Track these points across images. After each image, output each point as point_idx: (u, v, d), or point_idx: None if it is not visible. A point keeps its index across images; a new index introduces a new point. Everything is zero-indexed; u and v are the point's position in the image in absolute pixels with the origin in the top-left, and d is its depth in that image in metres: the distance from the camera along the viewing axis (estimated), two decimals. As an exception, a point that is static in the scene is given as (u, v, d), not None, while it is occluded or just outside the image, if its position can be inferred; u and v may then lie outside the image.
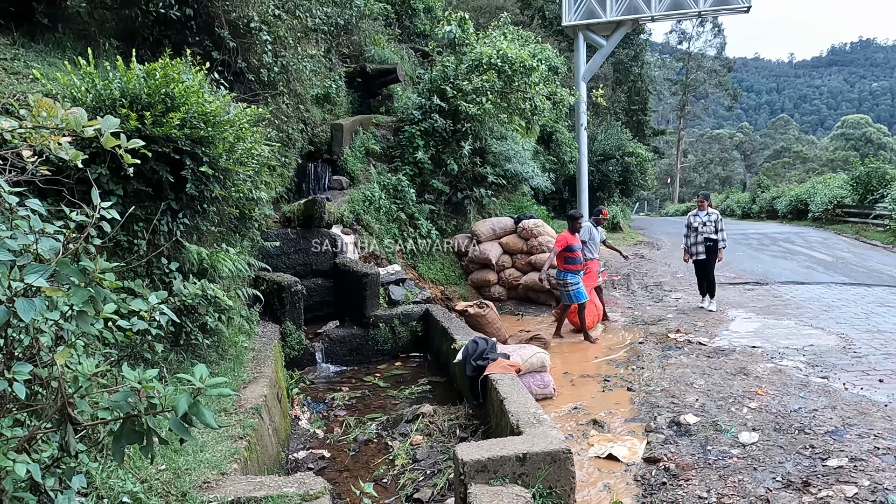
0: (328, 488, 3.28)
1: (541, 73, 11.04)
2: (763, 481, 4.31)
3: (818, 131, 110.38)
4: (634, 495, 4.40)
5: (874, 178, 22.16)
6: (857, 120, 71.01)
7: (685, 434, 5.23)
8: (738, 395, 5.94)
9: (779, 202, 29.58)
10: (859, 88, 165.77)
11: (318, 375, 6.91)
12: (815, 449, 4.67)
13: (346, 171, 9.99)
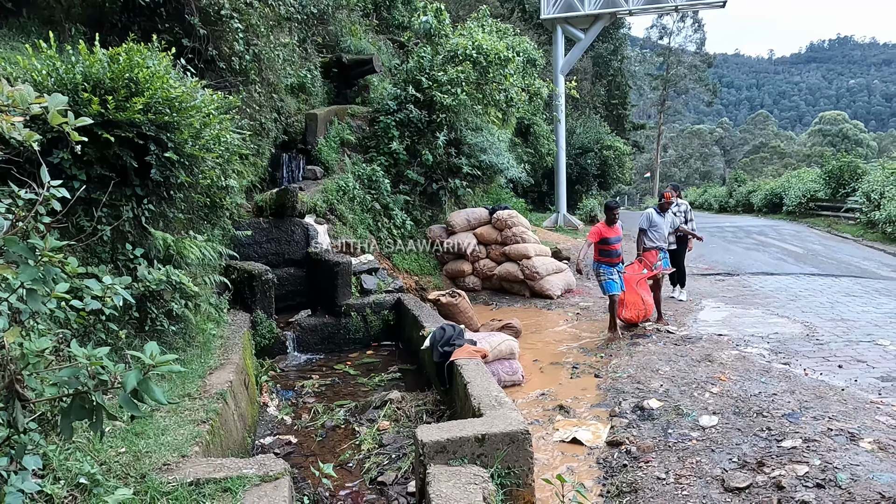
0: (288, 469, 3.31)
1: (516, 64, 11.09)
2: (720, 462, 4.42)
3: (796, 127, 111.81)
4: (596, 477, 4.50)
5: (846, 173, 22.54)
6: (835, 116, 72.00)
7: (648, 418, 5.34)
8: (701, 381, 6.06)
9: (754, 196, 30.00)
10: (837, 85, 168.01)
11: (288, 364, 6.92)
12: (771, 431, 4.79)
13: (320, 161, 9.98)
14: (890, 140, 76.16)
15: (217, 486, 3.03)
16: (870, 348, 6.94)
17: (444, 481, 3.27)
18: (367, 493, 4.07)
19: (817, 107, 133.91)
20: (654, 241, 8.45)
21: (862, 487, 3.85)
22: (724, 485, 4.09)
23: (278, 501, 2.96)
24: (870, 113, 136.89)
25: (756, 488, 4.00)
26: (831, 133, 66.50)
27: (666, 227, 8.57)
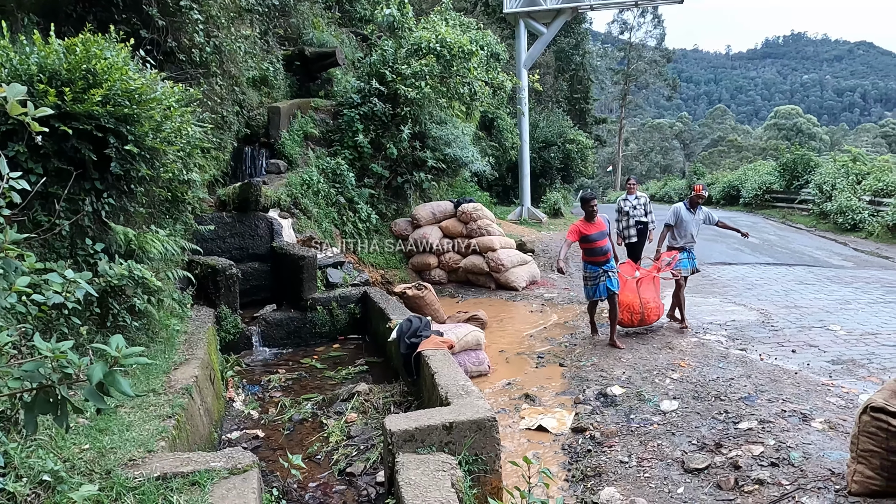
0: (256, 462, 3.32)
1: (480, 58, 11.14)
2: (680, 445, 4.56)
3: (753, 121, 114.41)
4: (561, 463, 4.60)
5: (799, 166, 23.21)
6: (789, 111, 73.93)
7: (611, 404, 5.47)
8: (662, 368, 6.23)
9: (713, 188, 30.64)
10: (791, 80, 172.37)
11: (254, 359, 6.88)
12: (728, 414, 4.96)
13: (284, 155, 9.89)
14: (841, 134, 78.67)
15: (185, 480, 3.02)
16: (821, 333, 7.21)
17: (413, 469, 3.32)
18: (336, 483, 4.09)
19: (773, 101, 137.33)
20: (679, 238, 7.65)
21: (813, 465, 4.02)
22: (684, 466, 4.23)
23: (247, 493, 2.97)
24: (822, 107, 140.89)
25: (714, 468, 4.15)
26: (786, 127, 68.25)
27: (694, 226, 7.63)
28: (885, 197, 16.97)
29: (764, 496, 3.76)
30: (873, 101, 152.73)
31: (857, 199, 17.95)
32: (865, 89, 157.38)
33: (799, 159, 23.54)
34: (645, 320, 7.41)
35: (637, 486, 4.08)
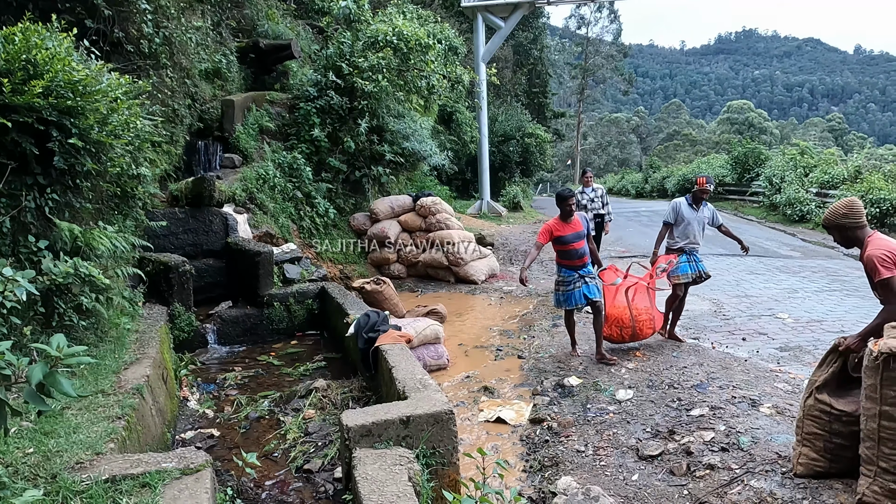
0: (210, 461, 3.25)
1: (437, 51, 11.12)
2: (635, 433, 4.65)
3: (707, 115, 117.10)
4: (519, 454, 4.64)
5: (751, 159, 23.88)
6: (741, 105, 75.84)
7: (568, 395, 5.54)
8: (617, 357, 6.33)
9: (668, 181, 31.33)
10: (743, 76, 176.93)
11: (209, 357, 6.75)
12: (681, 401, 5.07)
13: (238, 149, 9.70)
14: (790, 128, 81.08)
15: (135, 482, 2.95)
16: (770, 321, 7.43)
17: (370, 464, 3.30)
18: (294, 481, 4.05)
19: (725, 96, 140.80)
20: (680, 239, 6.62)
21: (762, 448, 4.14)
22: (639, 453, 4.31)
23: (200, 494, 2.91)
24: (772, 102, 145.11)
25: (668, 455, 4.24)
26: (738, 121, 70.03)
27: (698, 225, 6.57)
28: (830, 189, 17.57)
29: (715, 480, 3.86)
30: (820, 96, 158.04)
31: (805, 191, 18.56)
32: (813, 85, 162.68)
33: (750, 153, 24.21)
34: (637, 335, 6.39)
35: (593, 474, 4.14)
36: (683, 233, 6.59)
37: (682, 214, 6.57)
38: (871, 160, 20.15)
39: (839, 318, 7.45)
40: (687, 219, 6.55)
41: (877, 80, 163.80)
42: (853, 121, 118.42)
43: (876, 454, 3.37)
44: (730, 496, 3.68)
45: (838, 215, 3.69)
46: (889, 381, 3.29)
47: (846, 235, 3.71)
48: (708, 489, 3.80)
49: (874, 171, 17.16)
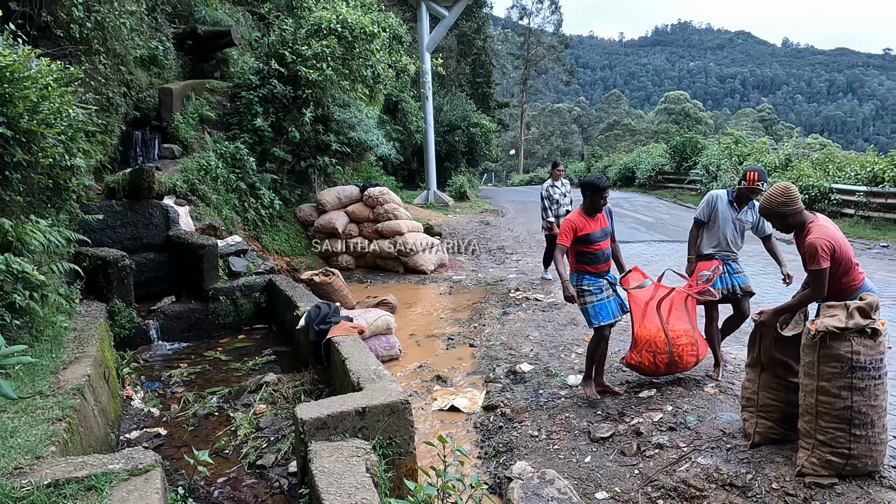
0: (159, 461, 3.15)
1: (382, 40, 11.00)
2: (586, 416, 4.74)
3: (645, 106, 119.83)
4: (474, 441, 4.68)
5: (688, 148, 24.61)
6: (678, 96, 77.96)
7: (521, 381, 5.60)
8: (567, 343, 6.44)
9: (610, 171, 31.96)
10: (679, 67, 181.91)
11: (153, 354, 6.53)
12: (630, 384, 5.20)
13: (178, 139, 9.38)
14: (724, 118, 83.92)
15: (80, 485, 2.83)
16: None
17: (327, 457, 3.26)
18: (247, 477, 3.97)
19: (662, 87, 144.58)
20: (726, 244, 5.22)
21: (707, 426, 4.29)
22: (591, 436, 4.41)
23: (150, 494, 2.82)
24: (707, 93, 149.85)
25: (618, 436, 4.35)
26: (675, 111, 71.96)
27: (735, 229, 5.20)
28: (763, 176, 18.24)
29: (664, 459, 3.98)
30: (751, 87, 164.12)
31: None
32: (745, 76, 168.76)
33: (687, 142, 24.95)
34: (676, 363, 4.92)
35: (547, 458, 4.21)
36: (714, 235, 5.25)
37: (718, 211, 5.19)
38: (800, 149, 21.06)
39: (774, 299, 7.76)
40: (722, 218, 5.18)
41: (803, 72, 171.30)
42: (781, 111, 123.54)
43: (814, 427, 3.54)
44: (678, 473, 3.80)
45: (776, 203, 3.67)
46: (825, 358, 3.45)
47: (786, 222, 3.71)
48: (658, 468, 3.91)
49: (803, 160, 17.93)
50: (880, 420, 3.44)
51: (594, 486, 3.83)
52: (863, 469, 3.48)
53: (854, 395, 3.38)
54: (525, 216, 18.97)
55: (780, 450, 3.86)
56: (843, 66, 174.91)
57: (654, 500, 3.63)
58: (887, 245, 11.87)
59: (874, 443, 3.44)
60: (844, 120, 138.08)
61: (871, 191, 13.74)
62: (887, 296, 7.70)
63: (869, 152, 16.70)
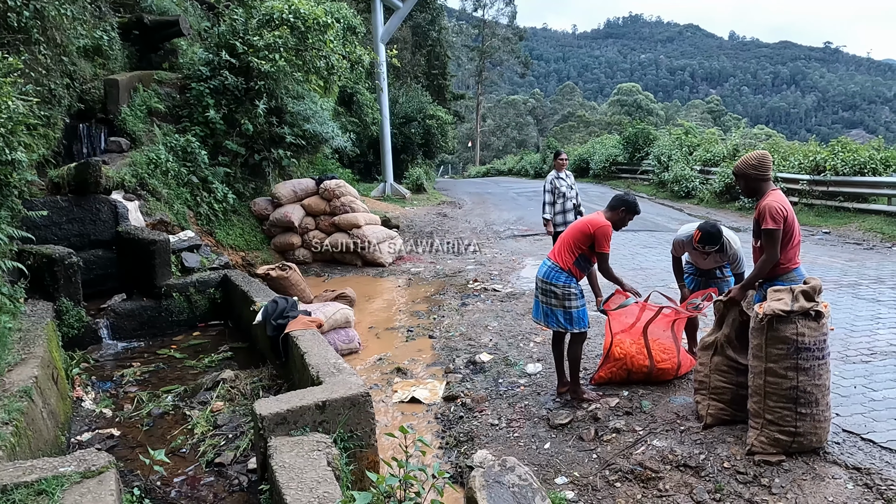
0: (113, 462, 3.08)
1: (336, 30, 10.86)
2: (545, 403, 4.81)
3: (598, 98, 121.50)
4: (435, 431, 4.69)
5: (640, 139, 25.06)
6: (630, 88, 79.33)
7: (480, 371, 5.64)
8: (526, 333, 6.51)
9: (565, 162, 32.33)
10: (631, 59, 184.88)
11: (104, 353, 6.35)
12: (587, 371, 5.29)
13: (125, 132, 9.09)
14: (675, 109, 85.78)
15: (29, 489, 2.74)
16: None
17: (287, 452, 3.23)
18: (205, 476, 3.90)
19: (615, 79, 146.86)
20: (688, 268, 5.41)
21: (662, 410, 4.40)
22: (550, 423, 4.47)
23: (104, 497, 2.75)
24: (658, 85, 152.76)
25: (577, 422, 4.42)
26: (627, 103, 73.21)
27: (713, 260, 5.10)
28: (712, 166, 18.74)
29: (621, 443, 4.07)
30: (700, 79, 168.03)
31: (690, 168, 19.71)
32: (694, 69, 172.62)
33: (639, 133, 25.40)
34: (654, 375, 4.84)
35: (508, 446, 4.26)
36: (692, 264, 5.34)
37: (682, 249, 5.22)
38: (747, 139, 21.69)
39: (724, 285, 8.00)
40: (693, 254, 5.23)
41: (749, 64, 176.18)
42: (729, 103, 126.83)
43: (762, 408, 3.67)
44: (635, 456, 3.90)
45: (749, 165, 3.87)
46: (773, 340, 3.58)
47: (751, 185, 3.89)
48: (615, 451, 4.00)
49: (750, 149, 18.46)
50: (824, 398, 3.59)
51: (554, 472, 3.90)
52: (808, 446, 3.63)
53: (800, 375, 3.52)
54: (482, 207, 19.07)
55: (731, 430, 4.00)
56: (786, 58, 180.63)
57: (611, 482, 3.71)
58: (829, 231, 12.34)
59: (819, 420, 3.59)
60: (788, 111, 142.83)
61: (813, 179, 14.24)
62: (829, 280, 8.01)
63: (811, 142, 17.32)
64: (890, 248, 10.59)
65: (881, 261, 9.43)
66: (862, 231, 11.97)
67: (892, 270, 8.60)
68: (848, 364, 5.06)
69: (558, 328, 4.66)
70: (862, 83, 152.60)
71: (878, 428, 3.93)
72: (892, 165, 13.05)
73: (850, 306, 6.82)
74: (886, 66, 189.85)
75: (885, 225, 11.92)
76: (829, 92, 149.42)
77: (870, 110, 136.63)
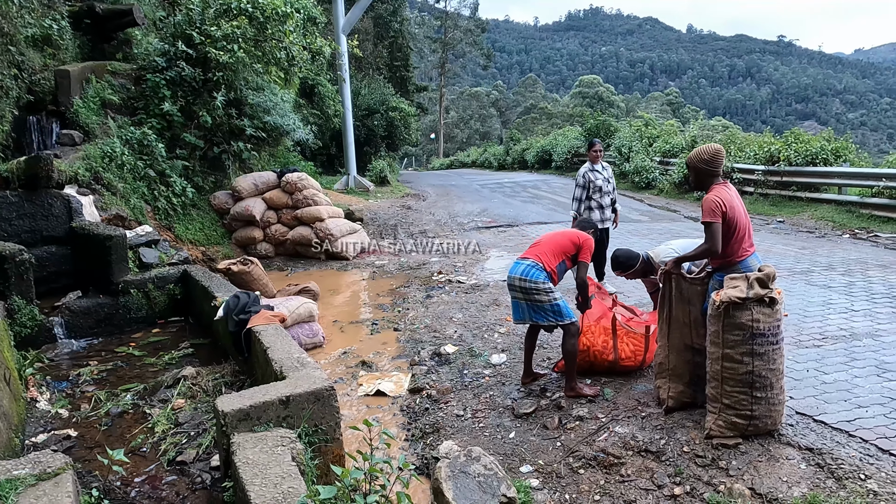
0: (70, 463, 3.00)
1: (296, 21, 10.71)
2: (510, 393, 4.85)
3: (560, 90, 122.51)
4: (401, 424, 4.69)
5: (601, 130, 25.35)
6: (591, 80, 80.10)
7: (446, 363, 5.66)
8: (490, 324, 6.55)
9: (528, 153, 32.55)
10: (592, 52, 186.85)
11: (60, 352, 6.17)
12: (550, 360, 5.36)
13: (78, 125, 8.82)
14: (635, 101, 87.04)
15: (-19, 494, 2.66)
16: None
17: (250, 448, 3.20)
18: (166, 475, 3.84)
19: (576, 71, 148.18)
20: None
21: (624, 397, 4.49)
22: (515, 412, 4.51)
23: (61, 499, 2.68)
24: (618, 77, 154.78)
25: (541, 411, 4.48)
26: (589, 95, 73.92)
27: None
28: (672, 158, 19.09)
29: (584, 430, 4.13)
30: (659, 71, 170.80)
31: (650, 160, 20.04)
32: (653, 61, 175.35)
33: (601, 125, 25.70)
34: (618, 369, 4.93)
35: (473, 436, 4.29)
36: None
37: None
38: (705, 131, 22.14)
39: (683, 274, 8.17)
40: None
41: (706, 57, 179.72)
42: (687, 95, 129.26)
43: (720, 392, 3.77)
44: (598, 443, 3.96)
45: (701, 159, 3.95)
46: (729, 326, 3.68)
47: (699, 178, 4.00)
48: (578, 439, 4.06)
49: (707, 141, 18.86)
50: (778, 382, 3.70)
51: (519, 461, 3.94)
52: (764, 428, 3.74)
53: (755, 360, 3.62)
54: (446, 200, 19.08)
55: (690, 415, 4.10)
56: (742, 51, 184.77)
57: (575, 469, 3.77)
58: (783, 220, 12.69)
59: (773, 403, 3.70)
60: (744, 103, 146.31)
61: (768, 169, 14.61)
62: (783, 267, 8.25)
63: (766, 133, 17.77)
64: (840, 236, 10.95)
65: (832, 248, 9.74)
66: (814, 220, 12.35)
67: (842, 258, 8.90)
68: (801, 348, 5.23)
69: (548, 322, 4.65)
70: (814, 76, 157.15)
71: (830, 409, 4.07)
72: (843, 156, 13.47)
73: (802, 293, 7.04)
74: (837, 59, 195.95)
75: (835, 214, 12.32)
76: (783, 84, 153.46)
77: (821, 102, 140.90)
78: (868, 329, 5.68)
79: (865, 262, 8.53)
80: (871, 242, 10.17)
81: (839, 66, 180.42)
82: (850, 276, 7.79)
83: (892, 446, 3.59)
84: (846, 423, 3.88)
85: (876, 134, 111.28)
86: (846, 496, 3.18)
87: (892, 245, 9.79)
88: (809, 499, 3.18)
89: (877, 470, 3.38)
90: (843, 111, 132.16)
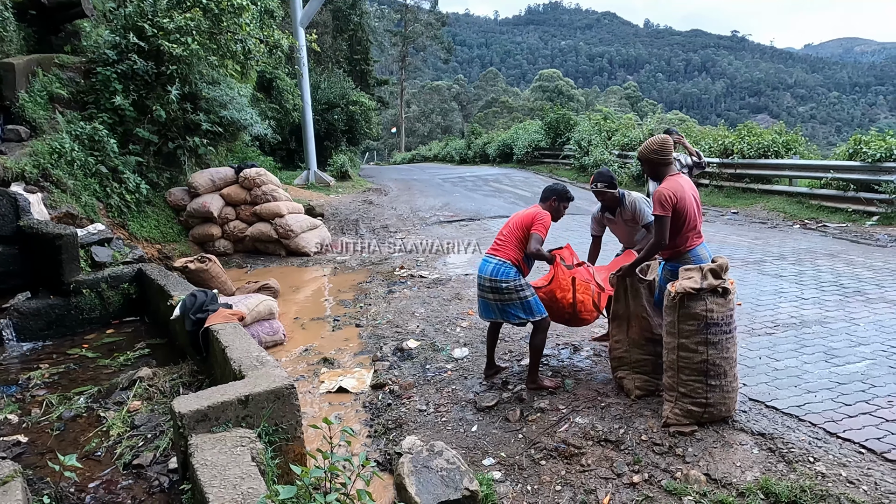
0: (19, 470, 2.91)
1: (252, 13, 10.52)
2: (472, 387, 4.87)
3: (521, 84, 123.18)
4: (363, 420, 4.67)
5: (561, 124, 25.60)
6: (551, 74, 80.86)
7: (408, 358, 5.65)
8: (452, 318, 6.57)
9: (489, 147, 32.67)
10: (552, 46, 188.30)
11: (8, 355, 5.97)
12: (512, 353, 5.40)
13: (24, 120, 8.51)
14: (594, 95, 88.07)
15: (-77, 506, 2.56)
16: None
17: (209, 449, 3.14)
18: (122, 479, 3.74)
19: (537, 65, 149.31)
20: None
21: (584, 388, 4.55)
22: (477, 406, 4.54)
23: (10, 507, 2.60)
24: (578, 71, 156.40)
25: (503, 404, 4.51)
26: (549, 89, 74.59)
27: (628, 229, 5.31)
28: (630, 151, 19.38)
29: (545, 422, 4.18)
30: (618, 66, 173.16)
31: (609, 153, 20.31)
32: (611, 55, 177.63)
33: (561, 118, 25.94)
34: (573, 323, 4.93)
35: (436, 430, 4.29)
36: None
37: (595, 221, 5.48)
38: (663, 124, 22.52)
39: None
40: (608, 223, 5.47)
41: (663, 51, 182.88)
42: (645, 89, 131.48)
43: (676, 381, 3.85)
44: (559, 434, 4.01)
45: (651, 150, 4.06)
46: (684, 317, 3.76)
47: (654, 170, 4.10)
48: (539, 430, 4.10)
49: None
50: (731, 370, 3.80)
51: (481, 454, 3.96)
52: (718, 415, 3.84)
53: (709, 349, 3.71)
54: (408, 194, 19.03)
55: (648, 404, 4.18)
56: (697, 46, 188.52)
57: (536, 461, 3.80)
58: (737, 212, 13.02)
59: (727, 391, 3.80)
60: (700, 97, 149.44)
61: (722, 162, 14.96)
62: (737, 258, 8.46)
63: (721, 127, 18.19)
64: (791, 226, 11.29)
65: (783, 238, 10.04)
66: (767, 211, 12.69)
67: (793, 247, 9.17)
68: (754, 336, 5.38)
69: (519, 322, 4.58)
70: (766, 70, 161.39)
71: (781, 395, 4.20)
72: (793, 149, 13.88)
73: (755, 282, 7.23)
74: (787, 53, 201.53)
75: (786, 205, 12.68)
76: (736, 78, 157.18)
77: (773, 96, 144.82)
78: (817, 316, 5.87)
79: (815, 252, 8.81)
80: (819, 232, 10.51)
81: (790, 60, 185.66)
82: (801, 265, 8.03)
83: (838, 430, 3.73)
84: (796, 409, 4.01)
85: (825, 127, 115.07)
86: (796, 479, 3.28)
87: (840, 234, 10.14)
88: (761, 482, 3.28)
89: (825, 453, 3.50)
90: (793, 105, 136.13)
